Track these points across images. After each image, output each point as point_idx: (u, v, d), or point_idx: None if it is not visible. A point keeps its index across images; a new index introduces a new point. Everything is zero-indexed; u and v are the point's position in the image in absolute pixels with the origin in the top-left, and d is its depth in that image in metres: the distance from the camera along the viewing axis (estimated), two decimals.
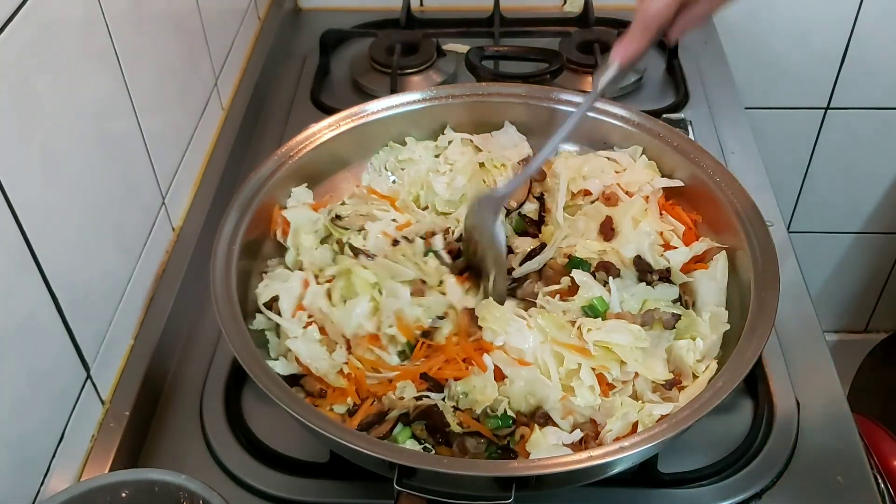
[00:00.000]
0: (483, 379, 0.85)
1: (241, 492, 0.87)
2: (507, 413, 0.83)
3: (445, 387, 0.85)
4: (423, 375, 0.86)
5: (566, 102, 1.09)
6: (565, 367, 0.85)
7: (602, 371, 0.85)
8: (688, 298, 0.93)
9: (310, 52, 1.51)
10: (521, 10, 1.59)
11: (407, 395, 0.84)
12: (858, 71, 1.68)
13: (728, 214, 0.94)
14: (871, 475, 0.88)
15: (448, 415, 0.82)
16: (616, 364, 0.85)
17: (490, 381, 0.85)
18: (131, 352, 0.95)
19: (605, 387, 0.85)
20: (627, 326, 0.86)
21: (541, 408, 0.84)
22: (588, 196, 1.03)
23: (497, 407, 0.84)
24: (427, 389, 0.85)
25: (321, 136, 1.05)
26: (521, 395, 0.84)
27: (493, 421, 0.83)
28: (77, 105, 0.84)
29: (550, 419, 0.83)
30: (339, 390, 0.86)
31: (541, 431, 0.81)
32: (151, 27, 1.02)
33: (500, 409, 0.83)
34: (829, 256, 2.03)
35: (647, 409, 0.81)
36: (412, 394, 0.84)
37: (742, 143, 1.31)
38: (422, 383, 0.86)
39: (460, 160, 1.08)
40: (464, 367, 0.86)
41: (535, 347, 0.87)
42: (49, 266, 0.78)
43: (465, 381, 0.84)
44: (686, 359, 0.86)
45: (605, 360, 0.85)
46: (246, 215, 0.94)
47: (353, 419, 0.84)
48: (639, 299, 0.91)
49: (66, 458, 0.82)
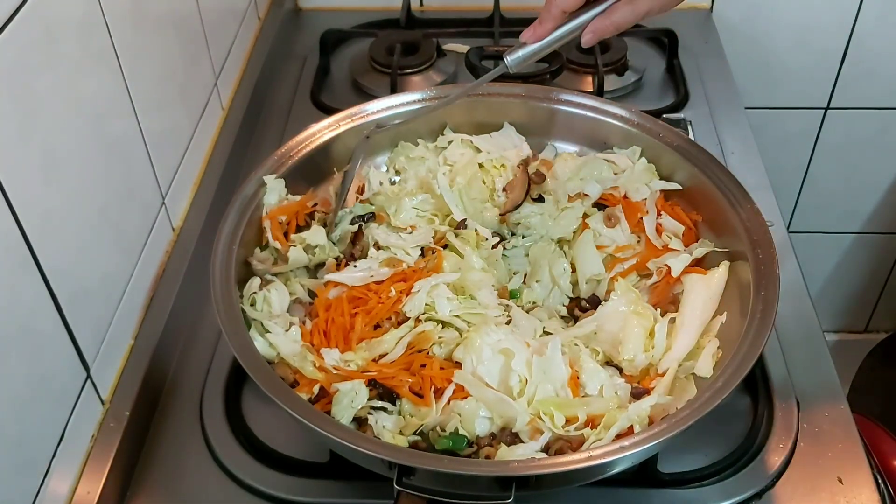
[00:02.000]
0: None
1: (241, 492, 0.88)
2: (458, 432, 0.81)
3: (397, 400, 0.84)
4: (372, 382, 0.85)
5: (566, 102, 1.10)
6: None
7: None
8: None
9: (310, 52, 1.51)
10: (521, 10, 1.59)
11: (357, 403, 0.83)
12: (858, 71, 1.68)
13: (728, 215, 0.94)
14: (872, 475, 0.88)
15: (385, 433, 0.81)
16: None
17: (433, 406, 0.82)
18: (131, 352, 0.95)
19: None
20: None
21: (508, 429, 0.82)
22: (587, 199, 1.04)
23: (446, 426, 0.81)
24: (377, 396, 0.84)
25: (321, 136, 1.05)
26: (476, 415, 0.81)
27: (444, 441, 0.80)
28: (77, 105, 0.84)
29: (518, 438, 0.81)
30: (309, 379, 0.85)
31: (508, 448, 0.79)
32: (151, 27, 1.02)
33: (449, 427, 0.81)
34: (829, 256, 2.03)
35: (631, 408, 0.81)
36: (362, 402, 0.83)
37: (742, 143, 1.31)
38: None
39: (460, 160, 1.08)
40: (415, 383, 0.84)
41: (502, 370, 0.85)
42: (49, 266, 0.78)
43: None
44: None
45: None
46: (246, 215, 0.94)
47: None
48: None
49: (66, 458, 0.82)
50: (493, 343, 0.85)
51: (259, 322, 0.88)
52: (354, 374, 0.85)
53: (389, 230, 1.00)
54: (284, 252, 0.96)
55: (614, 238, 1.00)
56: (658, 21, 1.51)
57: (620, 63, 1.41)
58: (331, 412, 0.82)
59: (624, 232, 1.01)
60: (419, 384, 0.84)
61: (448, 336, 0.88)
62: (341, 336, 0.89)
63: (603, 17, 0.86)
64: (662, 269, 0.96)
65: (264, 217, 0.97)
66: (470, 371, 0.84)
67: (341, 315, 0.90)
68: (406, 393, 0.84)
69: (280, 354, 0.86)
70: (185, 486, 0.89)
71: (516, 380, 0.83)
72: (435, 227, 1.00)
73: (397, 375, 0.85)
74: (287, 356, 0.86)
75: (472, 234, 0.97)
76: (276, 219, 0.97)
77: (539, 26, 0.88)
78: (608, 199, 1.04)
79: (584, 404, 0.82)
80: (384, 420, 0.82)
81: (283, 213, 0.98)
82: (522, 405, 0.82)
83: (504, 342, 0.85)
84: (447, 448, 0.80)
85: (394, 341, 0.87)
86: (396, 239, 0.98)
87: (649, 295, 0.96)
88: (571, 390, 0.84)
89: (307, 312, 0.94)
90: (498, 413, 0.82)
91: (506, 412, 0.82)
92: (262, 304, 0.91)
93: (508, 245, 1.02)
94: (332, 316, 0.90)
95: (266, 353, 0.86)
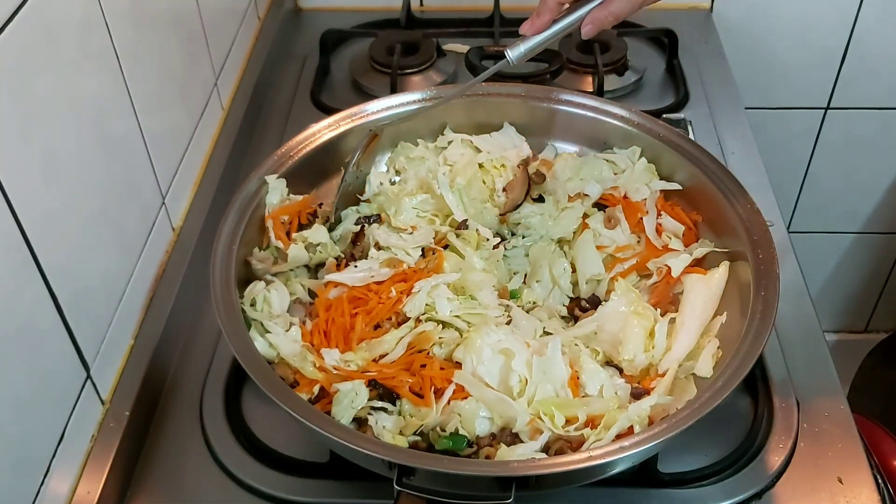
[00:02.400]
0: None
1: (241, 492, 0.88)
2: (459, 433, 0.81)
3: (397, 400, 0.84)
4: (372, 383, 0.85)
5: (566, 102, 1.10)
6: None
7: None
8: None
9: (310, 52, 1.51)
10: (521, 10, 1.58)
11: (357, 403, 0.83)
12: (858, 71, 1.68)
13: (728, 214, 0.94)
14: (871, 475, 0.88)
15: (385, 433, 0.81)
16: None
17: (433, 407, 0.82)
18: (131, 352, 0.95)
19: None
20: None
21: (508, 429, 0.82)
22: (587, 199, 1.04)
23: (446, 426, 0.81)
24: (378, 397, 0.84)
25: (321, 136, 1.05)
26: (476, 415, 0.81)
27: (444, 441, 0.80)
28: (77, 105, 0.84)
29: (518, 438, 0.81)
30: (309, 380, 0.85)
31: (508, 448, 0.79)
32: (151, 27, 1.02)
33: (449, 427, 0.81)
34: (829, 256, 2.03)
35: (631, 408, 0.81)
36: (362, 402, 0.83)
37: (742, 143, 1.31)
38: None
39: (460, 160, 1.08)
40: (415, 383, 0.84)
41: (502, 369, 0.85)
42: (49, 266, 0.78)
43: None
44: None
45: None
46: (246, 215, 0.94)
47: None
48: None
49: (66, 458, 0.82)
50: (494, 343, 0.85)
51: (259, 322, 0.88)
52: (354, 374, 0.85)
53: (390, 230, 1.00)
54: (286, 251, 0.96)
55: (614, 238, 1.00)
56: (658, 21, 1.51)
57: (620, 63, 1.41)
58: (331, 412, 0.82)
59: (624, 232, 1.01)
60: (419, 384, 0.84)
61: (448, 336, 0.88)
62: (341, 336, 0.89)
63: (601, 7, 0.87)
64: (662, 269, 0.96)
65: (267, 217, 0.97)
66: (470, 371, 0.84)
67: (342, 315, 0.90)
68: (406, 393, 0.84)
69: (280, 354, 0.86)
70: (185, 486, 0.89)
71: (516, 380, 0.83)
72: (436, 228, 1.00)
73: (397, 376, 0.85)
74: (287, 356, 0.86)
75: (473, 234, 0.97)
76: (279, 218, 0.97)
77: (537, 18, 0.89)
78: (608, 200, 1.04)
79: (584, 404, 0.82)
80: (384, 420, 0.82)
81: (286, 212, 0.98)
82: (522, 405, 0.82)
83: (504, 342, 0.85)
84: (447, 448, 0.80)
85: (394, 341, 0.87)
86: (397, 239, 0.98)
87: (649, 295, 0.96)
88: (571, 390, 0.84)
89: (307, 312, 0.94)
90: (498, 413, 0.82)
91: (506, 412, 0.82)
92: (262, 304, 0.91)
93: (508, 245, 1.02)
94: (333, 316, 0.90)
95: (266, 353, 0.86)
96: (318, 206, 1.02)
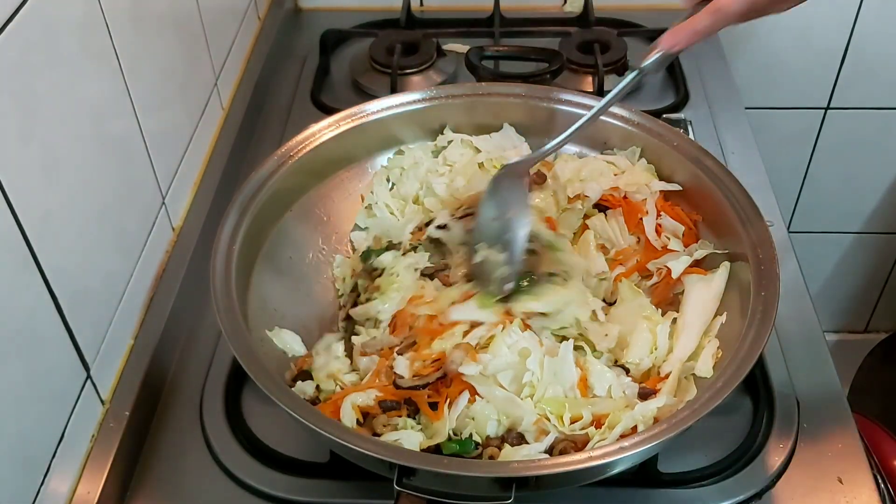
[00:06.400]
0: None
1: (241, 492, 0.88)
2: (471, 438, 0.80)
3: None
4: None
5: (566, 102, 1.09)
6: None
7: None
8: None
9: (310, 52, 1.51)
10: (521, 10, 1.59)
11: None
12: (858, 71, 1.68)
13: (728, 215, 0.94)
14: (871, 475, 0.88)
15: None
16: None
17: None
18: (131, 352, 0.95)
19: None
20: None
21: (513, 430, 0.82)
22: (587, 199, 1.03)
23: (462, 430, 0.81)
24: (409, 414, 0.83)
25: (321, 136, 1.04)
26: (488, 417, 0.81)
27: (451, 445, 0.80)
28: (77, 105, 0.84)
29: (524, 439, 0.81)
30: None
31: (512, 448, 0.79)
32: (151, 27, 1.02)
33: (464, 433, 0.81)
34: (829, 256, 2.03)
35: (637, 408, 0.81)
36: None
37: (742, 143, 1.31)
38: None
39: (460, 161, 1.08)
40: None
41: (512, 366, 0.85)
42: (49, 266, 0.78)
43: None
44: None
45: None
46: (246, 215, 0.94)
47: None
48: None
49: (66, 458, 0.82)
50: (512, 343, 0.85)
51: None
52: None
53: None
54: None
55: (614, 239, 1.00)
56: (658, 21, 1.51)
57: (620, 63, 1.41)
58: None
59: (623, 233, 1.01)
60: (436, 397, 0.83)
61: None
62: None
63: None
64: (662, 269, 0.96)
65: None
66: (484, 370, 0.84)
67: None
68: (426, 409, 0.83)
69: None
70: (185, 486, 0.89)
71: (529, 378, 0.83)
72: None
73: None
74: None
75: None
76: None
77: (686, 28, 0.84)
78: (608, 200, 1.04)
79: (590, 404, 0.82)
80: (408, 438, 0.81)
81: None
82: (529, 405, 0.82)
83: (521, 342, 0.86)
84: (454, 452, 0.80)
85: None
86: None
87: (650, 296, 0.96)
88: (580, 392, 0.84)
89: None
90: (505, 413, 0.82)
91: (513, 412, 0.82)
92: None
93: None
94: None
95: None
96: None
